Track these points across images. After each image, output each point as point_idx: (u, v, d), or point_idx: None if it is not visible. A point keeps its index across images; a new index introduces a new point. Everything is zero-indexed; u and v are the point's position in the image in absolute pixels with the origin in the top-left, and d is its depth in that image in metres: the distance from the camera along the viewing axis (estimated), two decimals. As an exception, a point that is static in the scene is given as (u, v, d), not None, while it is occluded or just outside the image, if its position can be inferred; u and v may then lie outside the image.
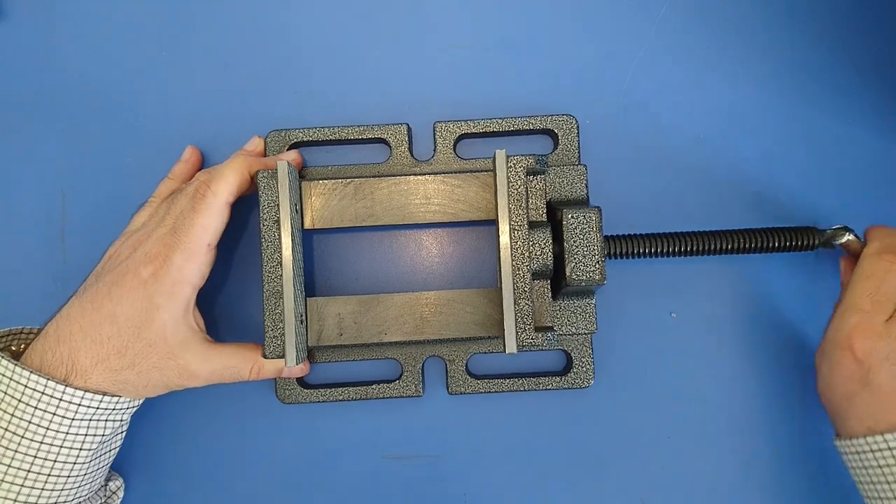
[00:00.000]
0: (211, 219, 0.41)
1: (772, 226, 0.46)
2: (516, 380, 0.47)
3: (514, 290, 0.42)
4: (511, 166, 0.42)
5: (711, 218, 0.48)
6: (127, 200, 0.48)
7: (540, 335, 0.42)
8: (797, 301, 0.48)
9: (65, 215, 0.49)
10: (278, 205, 0.42)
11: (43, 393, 0.38)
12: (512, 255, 0.42)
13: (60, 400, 0.38)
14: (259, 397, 0.48)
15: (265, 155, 0.48)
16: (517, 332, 0.41)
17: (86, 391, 0.38)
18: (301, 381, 0.48)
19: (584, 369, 0.47)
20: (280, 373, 0.45)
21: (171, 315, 0.40)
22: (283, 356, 0.42)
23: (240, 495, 0.48)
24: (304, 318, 0.44)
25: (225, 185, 0.42)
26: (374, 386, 0.47)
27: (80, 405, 0.38)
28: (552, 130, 0.48)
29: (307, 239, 0.48)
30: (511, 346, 0.41)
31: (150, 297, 0.40)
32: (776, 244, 0.45)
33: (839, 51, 0.49)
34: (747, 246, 0.45)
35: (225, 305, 0.49)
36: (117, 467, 0.47)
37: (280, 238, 0.42)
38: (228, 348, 0.43)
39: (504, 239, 0.42)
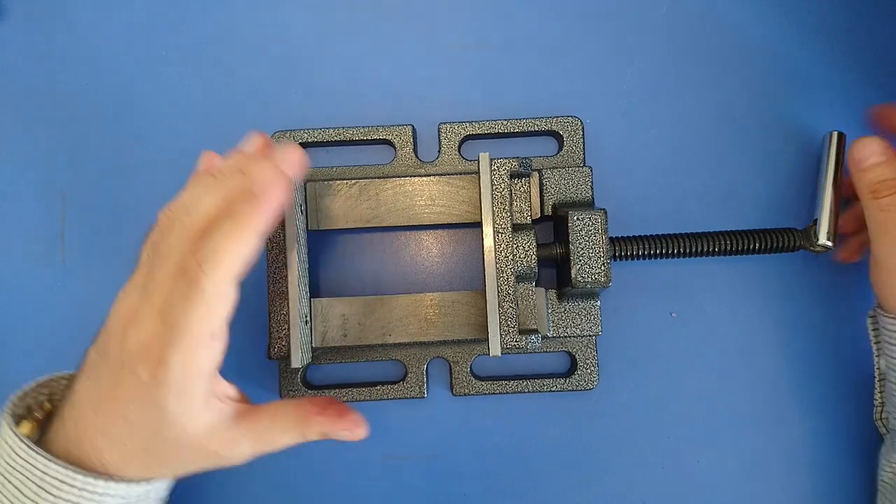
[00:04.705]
0: (211, 307, 0.32)
1: (773, 227, 0.46)
2: (521, 381, 0.47)
3: (498, 292, 0.42)
4: (495, 169, 0.43)
5: (714, 219, 0.48)
6: (127, 201, 0.47)
7: (524, 337, 0.42)
8: (797, 301, 0.48)
9: (65, 216, 0.49)
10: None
11: (83, 489, 0.33)
12: (496, 258, 0.42)
13: (104, 494, 0.34)
14: (262, 398, 0.48)
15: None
16: (501, 335, 0.42)
17: (121, 481, 0.34)
18: (305, 382, 0.48)
19: (589, 371, 0.47)
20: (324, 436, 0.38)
21: (188, 413, 0.34)
22: (287, 357, 0.42)
23: (240, 495, 0.48)
24: (308, 319, 0.44)
25: (225, 268, 0.32)
26: (378, 387, 0.47)
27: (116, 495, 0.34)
28: (557, 132, 0.48)
29: (311, 240, 0.48)
30: (495, 348, 0.41)
31: (156, 401, 0.33)
32: (766, 246, 0.45)
33: (838, 51, 0.49)
34: (749, 248, 0.45)
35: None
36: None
37: (285, 239, 0.42)
38: (263, 418, 0.37)
39: (487, 242, 0.42)
